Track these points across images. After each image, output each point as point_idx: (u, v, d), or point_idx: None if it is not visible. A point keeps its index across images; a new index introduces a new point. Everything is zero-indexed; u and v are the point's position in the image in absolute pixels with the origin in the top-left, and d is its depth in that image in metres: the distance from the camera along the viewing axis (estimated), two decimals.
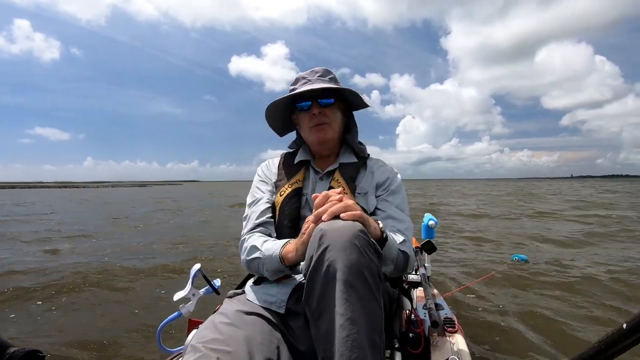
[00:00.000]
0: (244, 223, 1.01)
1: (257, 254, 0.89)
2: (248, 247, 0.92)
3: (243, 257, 0.94)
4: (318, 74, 1.03)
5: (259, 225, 0.98)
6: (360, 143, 1.09)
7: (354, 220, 0.69)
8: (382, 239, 0.78)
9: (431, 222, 1.89)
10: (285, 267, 0.84)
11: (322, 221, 0.70)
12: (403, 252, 0.86)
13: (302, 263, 0.90)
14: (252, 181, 1.11)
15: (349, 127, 1.10)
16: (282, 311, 0.85)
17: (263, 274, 0.90)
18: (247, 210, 1.03)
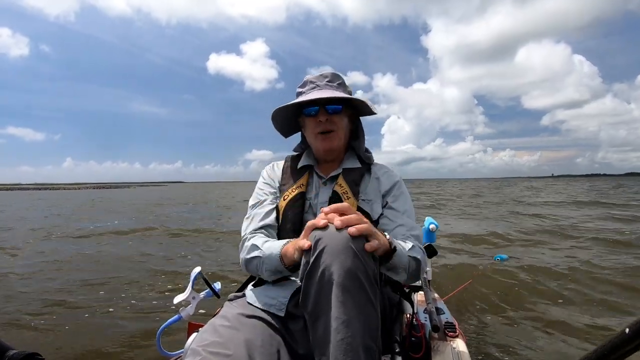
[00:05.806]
0: (246, 224, 1.01)
1: (256, 253, 0.88)
2: (249, 246, 0.92)
3: (242, 255, 0.93)
4: (327, 79, 1.02)
5: (262, 227, 0.97)
6: (367, 150, 1.09)
7: (360, 235, 0.67)
8: (392, 250, 0.77)
9: (432, 226, 1.89)
10: (285, 267, 0.83)
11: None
12: (414, 257, 0.85)
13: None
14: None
15: (356, 133, 1.10)
16: (282, 314, 0.85)
17: (261, 274, 0.89)
18: (250, 212, 1.03)
